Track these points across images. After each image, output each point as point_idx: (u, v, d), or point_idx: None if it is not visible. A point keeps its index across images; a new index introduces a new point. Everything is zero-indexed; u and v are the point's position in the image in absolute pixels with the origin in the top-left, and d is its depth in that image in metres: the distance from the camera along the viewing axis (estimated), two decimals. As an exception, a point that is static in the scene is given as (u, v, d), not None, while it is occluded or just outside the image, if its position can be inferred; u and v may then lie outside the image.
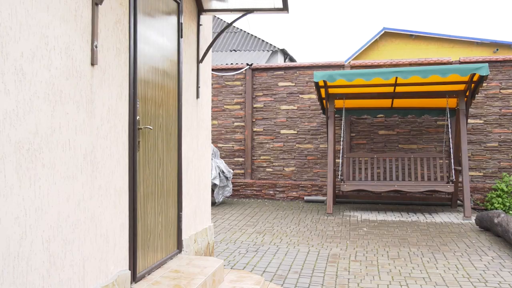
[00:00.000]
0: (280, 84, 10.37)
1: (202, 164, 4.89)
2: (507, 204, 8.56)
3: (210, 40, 5.09)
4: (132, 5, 3.32)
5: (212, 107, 10.53)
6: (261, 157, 10.48)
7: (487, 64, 7.39)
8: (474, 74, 7.66)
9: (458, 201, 9.08)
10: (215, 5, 4.70)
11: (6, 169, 2.14)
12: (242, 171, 10.61)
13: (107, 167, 3.02)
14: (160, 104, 3.85)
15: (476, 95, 8.77)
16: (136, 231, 3.41)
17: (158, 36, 3.78)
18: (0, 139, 2.11)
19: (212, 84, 10.31)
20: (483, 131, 9.26)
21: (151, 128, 3.61)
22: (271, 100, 10.46)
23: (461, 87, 8.29)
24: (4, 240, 2.13)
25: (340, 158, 9.10)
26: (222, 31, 4.65)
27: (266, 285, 4.40)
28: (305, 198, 10.02)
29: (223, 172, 9.35)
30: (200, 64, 4.78)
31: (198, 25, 4.73)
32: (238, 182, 10.52)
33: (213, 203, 9.37)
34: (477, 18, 56.21)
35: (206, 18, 4.97)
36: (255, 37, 16.25)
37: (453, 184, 8.24)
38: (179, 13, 4.21)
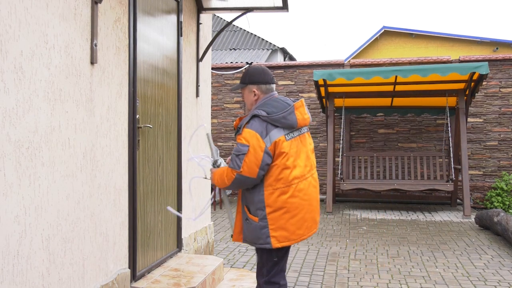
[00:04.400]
0: (280, 83, 10.36)
1: (201, 163, 4.88)
2: (507, 202, 8.56)
3: (210, 39, 5.09)
4: (132, 3, 3.32)
5: (211, 106, 10.51)
6: (261, 156, 10.46)
7: (486, 63, 7.39)
8: (474, 72, 7.65)
9: (458, 200, 9.08)
10: (214, 3, 4.69)
11: (6, 167, 2.14)
12: (242, 170, 10.58)
13: (107, 165, 3.02)
14: (160, 103, 3.85)
15: (476, 94, 8.76)
16: (136, 230, 3.41)
17: (157, 35, 3.78)
18: (0, 138, 2.11)
19: (211, 83, 10.29)
20: (483, 130, 9.26)
21: (151, 126, 3.60)
22: (270, 99, 10.44)
23: (461, 85, 8.28)
24: (4, 239, 2.13)
25: (340, 156, 9.10)
26: (221, 30, 4.65)
27: (266, 284, 4.40)
28: (305, 196, 9.99)
29: (222, 170, 9.34)
30: (200, 63, 4.78)
31: (198, 23, 4.72)
32: (237, 181, 10.49)
33: (213, 202, 9.37)
34: (477, 17, 56.18)
35: (205, 17, 4.97)
36: (255, 35, 16.24)
37: (452, 183, 8.24)
38: (178, 11, 4.20)
